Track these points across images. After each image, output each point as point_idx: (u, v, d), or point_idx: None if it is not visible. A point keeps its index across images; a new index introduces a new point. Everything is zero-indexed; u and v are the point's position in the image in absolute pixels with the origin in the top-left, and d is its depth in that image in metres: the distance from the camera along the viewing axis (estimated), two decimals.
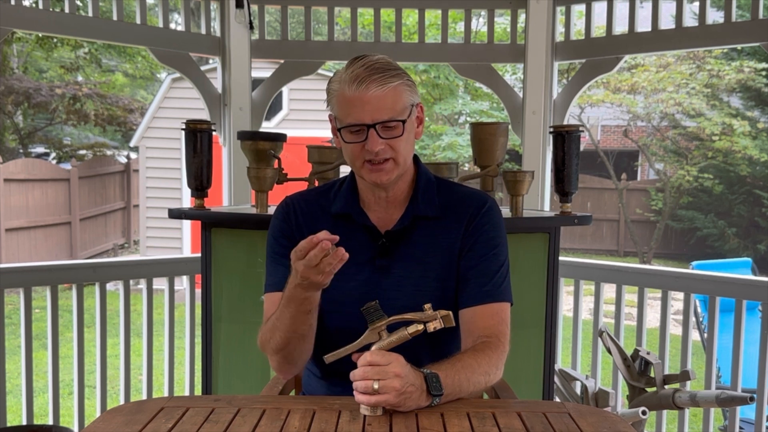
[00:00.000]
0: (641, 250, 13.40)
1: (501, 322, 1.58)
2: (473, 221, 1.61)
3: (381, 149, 1.50)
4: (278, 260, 1.65)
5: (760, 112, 13.18)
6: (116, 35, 3.24)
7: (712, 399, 2.28)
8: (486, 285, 1.58)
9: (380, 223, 1.62)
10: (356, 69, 1.50)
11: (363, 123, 1.49)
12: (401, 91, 1.51)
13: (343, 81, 1.50)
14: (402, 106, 1.51)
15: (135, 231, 13.36)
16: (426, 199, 1.62)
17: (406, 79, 1.53)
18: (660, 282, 3.14)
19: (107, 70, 15.37)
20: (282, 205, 1.70)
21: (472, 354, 1.49)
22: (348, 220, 1.62)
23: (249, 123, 3.49)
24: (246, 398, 1.48)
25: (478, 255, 1.60)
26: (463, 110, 12.80)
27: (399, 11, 3.59)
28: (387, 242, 1.60)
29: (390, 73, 1.50)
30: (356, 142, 1.51)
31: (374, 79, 1.48)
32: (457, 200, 1.64)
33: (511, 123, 3.48)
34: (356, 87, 1.48)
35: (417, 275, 1.59)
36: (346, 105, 1.50)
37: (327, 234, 1.35)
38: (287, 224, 1.65)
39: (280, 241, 1.65)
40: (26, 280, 2.89)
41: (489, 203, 1.65)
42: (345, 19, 5.59)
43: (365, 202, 1.64)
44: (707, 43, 3.44)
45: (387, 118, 1.49)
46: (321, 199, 1.67)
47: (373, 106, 1.48)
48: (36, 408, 3.03)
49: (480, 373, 1.46)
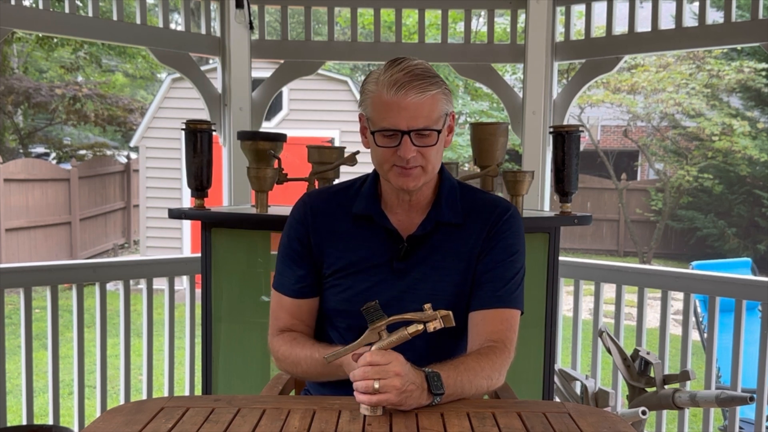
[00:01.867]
0: (641, 250, 13.41)
1: (509, 329, 1.58)
2: (495, 227, 1.61)
3: (412, 156, 1.49)
4: (288, 263, 1.65)
5: (760, 112, 13.19)
6: (116, 35, 3.24)
7: (712, 399, 2.28)
8: (499, 290, 1.58)
9: (401, 226, 1.61)
10: (396, 73, 1.47)
11: (398, 129, 1.48)
12: (438, 100, 1.50)
13: (381, 83, 1.48)
14: (437, 115, 1.50)
15: (135, 231, 13.36)
16: (449, 205, 1.61)
17: (444, 88, 1.52)
18: (660, 282, 3.14)
19: (107, 70, 15.37)
20: (300, 204, 1.68)
21: (476, 357, 1.49)
22: (369, 221, 1.61)
23: (249, 123, 3.49)
24: (246, 398, 1.47)
25: (495, 260, 1.59)
26: (463, 110, 12.80)
27: (399, 11, 3.59)
28: (408, 246, 1.59)
29: (429, 81, 1.48)
30: (388, 147, 1.50)
31: (414, 86, 1.46)
32: (480, 207, 1.63)
33: (511, 123, 3.48)
34: (395, 92, 1.46)
35: (434, 280, 1.58)
36: (382, 108, 1.48)
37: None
38: (303, 226, 1.64)
39: (293, 243, 1.65)
40: (26, 280, 2.89)
41: (512, 211, 1.64)
42: (345, 19, 5.59)
43: (387, 204, 1.63)
44: (707, 43, 3.44)
45: (422, 126, 1.48)
46: (341, 198, 1.66)
47: (410, 113, 1.47)
48: (36, 408, 3.03)
49: (482, 377, 1.46)
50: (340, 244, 1.61)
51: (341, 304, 1.60)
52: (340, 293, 1.60)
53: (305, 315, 1.65)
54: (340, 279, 1.61)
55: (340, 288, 1.61)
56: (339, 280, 1.61)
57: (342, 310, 1.61)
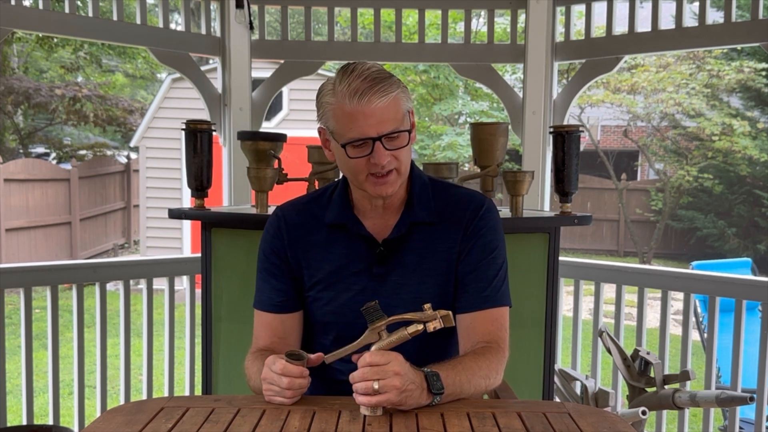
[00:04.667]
0: (641, 250, 13.40)
1: (500, 328, 1.57)
2: (471, 224, 1.58)
3: (387, 161, 1.47)
4: (265, 278, 1.63)
5: (760, 112, 13.19)
6: (116, 35, 3.24)
7: (712, 399, 2.28)
8: (485, 290, 1.57)
9: (376, 230, 1.59)
10: (353, 81, 1.43)
11: (368, 137, 1.44)
12: (400, 99, 1.48)
13: (341, 94, 1.44)
14: (402, 115, 1.48)
15: (135, 231, 13.35)
16: (421, 204, 1.59)
17: (401, 86, 1.50)
18: (660, 282, 3.14)
19: (107, 71, 15.37)
20: (273, 218, 1.65)
21: (473, 357, 1.49)
22: (343, 230, 1.59)
23: (249, 123, 3.49)
24: (246, 398, 1.47)
25: (476, 259, 1.57)
26: (463, 110, 12.80)
27: (399, 11, 3.59)
28: (384, 250, 1.57)
29: (388, 82, 1.45)
30: (361, 157, 1.47)
31: (375, 91, 1.43)
32: (454, 203, 1.61)
33: (511, 123, 3.48)
34: (357, 100, 1.42)
35: (415, 282, 1.57)
36: (346, 120, 1.45)
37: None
38: (278, 240, 1.62)
39: (270, 258, 1.63)
40: (26, 280, 2.89)
41: (486, 205, 1.62)
42: (345, 19, 5.59)
43: (360, 210, 1.60)
44: (707, 43, 3.44)
45: (391, 130, 1.46)
46: (314, 208, 1.63)
47: (376, 118, 1.44)
48: (36, 408, 3.03)
49: (480, 376, 1.46)
50: (317, 255, 1.59)
51: (326, 316, 1.59)
52: (324, 306, 1.58)
53: (288, 332, 1.61)
54: (322, 291, 1.59)
55: (323, 301, 1.59)
56: (321, 292, 1.59)
57: (328, 322, 1.59)
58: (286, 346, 1.58)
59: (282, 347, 1.56)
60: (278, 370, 1.38)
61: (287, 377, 1.38)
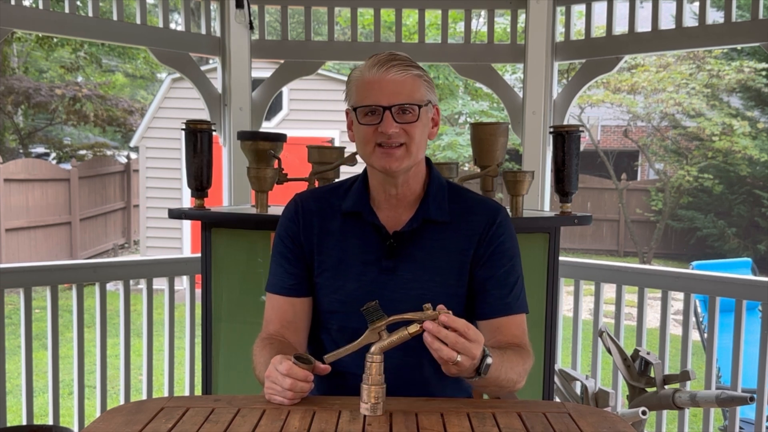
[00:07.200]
0: (641, 250, 13.40)
1: (524, 333, 1.60)
2: (489, 231, 1.60)
3: (394, 132, 1.49)
4: (279, 261, 1.65)
5: (760, 112, 13.19)
6: (116, 35, 3.24)
7: (712, 399, 2.28)
8: (507, 297, 1.59)
9: (389, 222, 1.60)
10: (379, 56, 1.52)
11: (379, 104, 1.49)
12: (419, 83, 1.52)
13: (365, 68, 1.52)
14: (420, 96, 1.52)
15: (135, 231, 13.35)
16: (436, 203, 1.60)
17: (426, 77, 1.54)
18: (660, 282, 3.14)
19: (107, 71, 15.37)
20: (291, 203, 1.69)
21: (516, 351, 1.51)
22: (357, 219, 1.61)
23: (249, 123, 3.49)
24: (246, 398, 1.47)
25: (497, 266, 1.59)
26: (463, 110, 12.80)
27: (399, 11, 3.59)
28: (395, 243, 1.58)
29: (411, 64, 1.52)
30: (370, 124, 1.51)
31: (394, 65, 1.50)
32: (469, 207, 1.63)
33: (511, 123, 3.48)
34: (377, 70, 1.50)
35: (424, 279, 1.58)
36: (363, 88, 1.51)
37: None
38: (294, 224, 1.65)
39: (285, 241, 1.65)
40: (26, 280, 2.89)
41: (503, 213, 1.64)
42: (345, 19, 5.59)
43: (375, 201, 1.62)
44: (707, 43, 3.44)
45: (403, 101, 1.49)
46: (332, 197, 1.66)
47: (390, 89, 1.49)
48: (36, 408, 3.03)
49: (515, 372, 1.47)
50: (329, 242, 1.62)
51: (333, 305, 1.59)
52: (331, 294, 1.59)
53: (298, 317, 1.62)
54: (330, 279, 1.60)
55: (331, 289, 1.60)
56: (329, 280, 1.60)
57: (334, 311, 1.60)
58: (295, 332, 1.61)
59: (291, 334, 1.59)
60: (283, 371, 1.38)
61: (291, 379, 1.38)
